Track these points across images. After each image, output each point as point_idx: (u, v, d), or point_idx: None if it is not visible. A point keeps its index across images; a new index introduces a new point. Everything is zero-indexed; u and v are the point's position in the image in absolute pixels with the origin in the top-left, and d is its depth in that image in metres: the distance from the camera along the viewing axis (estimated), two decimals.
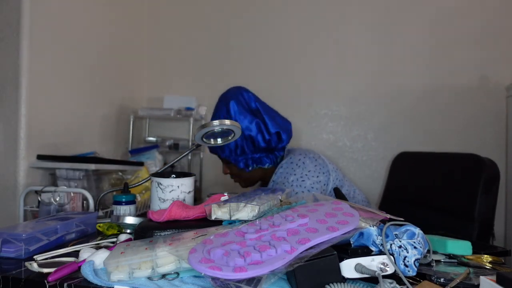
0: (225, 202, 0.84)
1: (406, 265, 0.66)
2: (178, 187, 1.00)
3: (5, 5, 1.36)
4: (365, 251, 0.67)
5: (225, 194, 0.99)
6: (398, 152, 1.74)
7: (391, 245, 0.68)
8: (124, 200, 1.11)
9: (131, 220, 0.99)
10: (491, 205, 1.31)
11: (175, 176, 1.02)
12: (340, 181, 1.30)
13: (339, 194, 1.00)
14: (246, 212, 0.82)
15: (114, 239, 0.91)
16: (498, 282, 0.58)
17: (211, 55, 2.12)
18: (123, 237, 0.91)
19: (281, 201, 0.94)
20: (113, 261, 0.66)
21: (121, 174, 1.59)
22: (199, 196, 1.94)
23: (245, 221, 0.80)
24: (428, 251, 0.74)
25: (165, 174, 1.05)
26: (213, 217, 0.84)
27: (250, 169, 1.30)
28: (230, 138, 1.11)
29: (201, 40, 2.13)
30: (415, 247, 0.67)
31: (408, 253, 0.67)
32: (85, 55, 1.68)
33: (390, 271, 0.64)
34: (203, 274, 0.59)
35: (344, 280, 0.63)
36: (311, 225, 0.71)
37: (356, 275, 0.64)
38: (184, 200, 1.01)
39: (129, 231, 0.99)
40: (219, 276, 0.57)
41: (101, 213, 1.27)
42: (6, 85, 1.35)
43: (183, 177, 1.02)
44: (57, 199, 1.21)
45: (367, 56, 1.96)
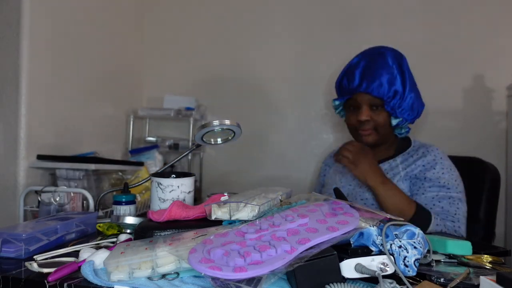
0: (225, 202, 0.84)
1: (406, 265, 0.66)
2: (178, 187, 1.00)
3: (5, 5, 1.36)
4: (365, 251, 0.67)
5: (225, 194, 0.99)
6: None
7: (391, 245, 0.68)
8: (124, 200, 1.11)
9: (131, 220, 0.99)
10: (494, 207, 1.36)
11: (175, 176, 1.02)
12: None
13: (339, 194, 1.00)
14: (246, 212, 0.82)
15: (114, 239, 0.91)
16: (498, 282, 0.58)
17: (211, 55, 2.12)
18: (123, 237, 0.91)
19: (281, 201, 0.94)
20: (113, 261, 0.67)
21: (121, 174, 1.59)
22: (199, 196, 1.94)
23: (245, 221, 0.80)
24: (428, 251, 0.74)
25: (165, 174, 1.05)
26: (213, 217, 0.84)
27: (403, 121, 1.20)
28: (230, 138, 1.11)
29: (201, 40, 2.13)
30: (415, 247, 0.67)
31: (408, 253, 0.67)
32: (85, 55, 1.68)
33: (390, 271, 0.65)
34: (203, 274, 0.59)
35: (344, 280, 0.63)
36: (311, 225, 0.71)
37: (356, 275, 0.64)
38: (184, 200, 1.01)
39: (129, 231, 0.99)
40: (219, 276, 0.57)
41: (101, 213, 1.27)
42: (6, 85, 1.35)
43: (183, 177, 1.02)
44: (57, 199, 1.21)
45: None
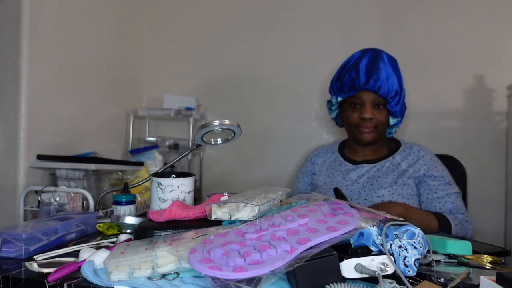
0: (225, 202, 0.84)
1: (406, 265, 0.66)
2: (178, 187, 1.00)
3: (5, 5, 1.36)
4: (365, 251, 0.67)
5: (225, 194, 0.99)
6: None
7: (391, 245, 0.68)
8: (124, 200, 1.11)
9: (131, 220, 0.99)
10: (465, 200, 1.53)
11: (175, 176, 1.02)
12: None
13: (339, 194, 1.00)
14: (246, 212, 0.82)
15: (114, 239, 0.91)
16: (498, 282, 0.58)
17: (211, 55, 2.12)
18: (123, 237, 0.91)
19: (281, 201, 0.94)
20: (113, 261, 0.67)
21: (121, 174, 1.59)
22: (199, 196, 1.94)
23: (245, 221, 0.80)
24: (428, 251, 0.74)
25: (165, 174, 1.05)
26: (213, 217, 0.84)
27: (398, 121, 1.36)
28: (230, 138, 1.11)
29: (201, 40, 2.13)
30: (415, 247, 0.67)
31: (408, 253, 0.67)
32: (85, 55, 1.68)
33: (390, 271, 0.65)
34: (203, 274, 0.59)
35: (344, 280, 0.63)
36: (311, 225, 0.71)
37: (356, 275, 0.64)
38: (184, 200, 1.01)
39: (129, 231, 0.99)
40: (219, 276, 0.57)
41: (101, 213, 1.27)
42: (6, 85, 1.35)
43: (183, 177, 1.02)
44: (57, 199, 1.21)
45: None
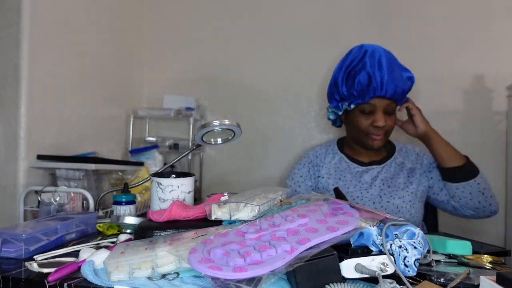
0: (225, 202, 0.84)
1: (406, 265, 0.66)
2: (178, 187, 1.00)
3: (5, 5, 1.36)
4: (365, 251, 0.67)
5: (225, 194, 0.99)
6: None
7: (391, 245, 0.68)
8: (124, 200, 1.11)
9: (131, 220, 0.99)
10: None
11: (175, 176, 1.02)
12: None
13: (339, 194, 1.00)
14: (246, 212, 0.82)
15: (114, 239, 0.91)
16: (498, 282, 0.58)
17: (211, 55, 2.12)
18: (123, 237, 0.91)
19: (281, 201, 0.94)
20: (113, 261, 0.67)
21: (121, 174, 1.59)
22: (199, 196, 1.94)
23: (245, 221, 0.80)
24: (428, 251, 0.74)
25: (165, 174, 1.05)
26: (213, 217, 0.84)
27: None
28: (230, 138, 1.11)
29: (202, 40, 2.13)
30: (415, 247, 0.67)
31: (408, 253, 0.67)
32: (85, 55, 1.68)
33: (390, 271, 0.65)
34: (203, 274, 0.59)
35: (344, 280, 0.63)
36: (311, 225, 0.71)
37: (356, 275, 0.64)
38: (184, 200, 1.01)
39: (129, 231, 0.99)
40: (219, 276, 0.57)
41: (101, 213, 1.27)
42: (6, 85, 1.35)
43: (183, 177, 1.02)
44: (57, 199, 1.21)
45: None
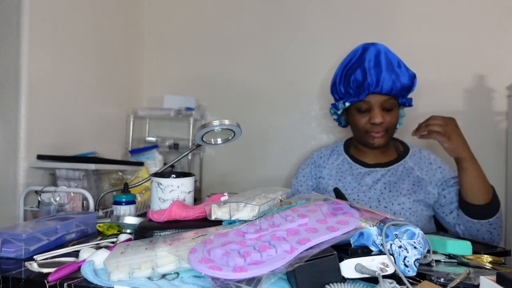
0: (225, 202, 0.84)
1: (406, 265, 0.66)
2: (178, 187, 1.00)
3: (5, 5, 1.36)
4: (365, 251, 0.67)
5: (225, 194, 0.99)
6: None
7: (391, 245, 0.68)
8: (124, 200, 1.11)
9: (131, 220, 0.99)
10: None
11: (175, 176, 1.02)
12: None
13: (339, 194, 1.00)
14: (246, 212, 0.82)
15: (114, 239, 0.91)
16: (498, 282, 0.58)
17: (211, 55, 2.12)
18: (123, 237, 0.91)
19: (281, 201, 0.94)
20: (113, 261, 0.67)
21: (121, 174, 1.59)
22: (199, 196, 1.94)
23: (245, 221, 0.80)
24: (428, 251, 0.74)
25: (165, 174, 1.05)
26: (213, 217, 0.84)
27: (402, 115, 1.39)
28: (230, 138, 1.11)
29: (202, 40, 2.13)
30: (415, 247, 0.67)
31: (408, 253, 0.67)
32: (85, 55, 1.68)
33: (390, 271, 0.65)
34: (203, 274, 0.59)
35: (344, 280, 0.63)
36: (311, 225, 0.71)
37: (356, 275, 0.64)
38: (184, 200, 1.01)
39: (129, 231, 0.99)
40: (219, 276, 0.57)
41: (101, 213, 1.27)
42: (6, 85, 1.35)
43: (183, 177, 1.02)
44: (57, 199, 1.21)
45: None
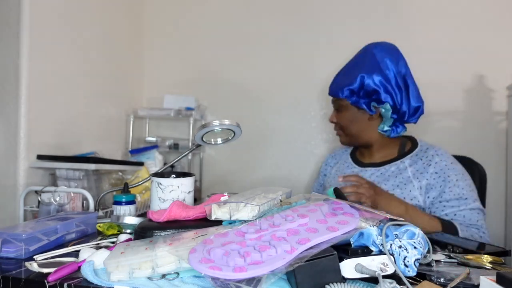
0: (225, 202, 0.84)
1: (406, 265, 0.66)
2: (178, 187, 1.00)
3: (5, 5, 1.36)
4: (365, 251, 0.67)
5: (225, 194, 0.99)
6: None
7: (391, 245, 0.68)
8: (124, 200, 1.11)
9: (131, 220, 0.99)
10: (483, 204, 1.44)
11: (175, 176, 1.02)
12: None
13: (339, 194, 0.99)
14: (246, 212, 0.82)
15: (114, 239, 0.91)
16: (498, 282, 0.58)
17: (211, 55, 2.12)
18: (123, 237, 0.91)
19: (281, 201, 0.94)
20: (113, 261, 0.66)
21: (121, 174, 1.59)
22: (199, 196, 1.94)
23: (245, 221, 0.80)
24: (428, 251, 0.74)
25: (165, 174, 1.05)
26: (213, 217, 0.84)
27: (372, 114, 1.25)
28: (230, 138, 1.11)
29: (201, 40, 2.13)
30: (415, 247, 0.67)
31: (408, 253, 0.67)
32: (85, 54, 1.68)
33: (390, 271, 0.65)
34: (203, 274, 0.59)
35: (344, 280, 0.63)
36: (311, 225, 0.71)
37: (356, 275, 0.64)
38: (184, 200, 1.01)
39: (129, 231, 0.99)
40: (219, 276, 0.57)
41: (101, 213, 1.27)
42: (6, 85, 1.35)
43: (183, 177, 1.02)
44: (57, 199, 1.21)
45: None
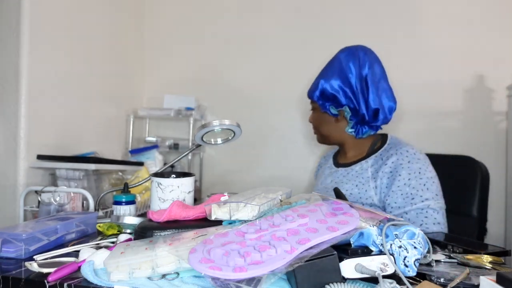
0: (225, 202, 0.84)
1: (406, 265, 0.66)
2: (178, 187, 1.00)
3: (5, 5, 1.36)
4: (365, 251, 0.67)
5: (225, 194, 0.99)
6: None
7: (391, 245, 0.68)
8: (124, 200, 1.11)
9: (131, 220, 0.99)
10: (485, 204, 1.44)
11: (175, 176, 1.02)
12: None
13: (339, 194, 0.99)
14: (246, 212, 0.82)
15: (114, 239, 0.91)
16: (498, 282, 0.58)
17: (211, 55, 2.12)
18: (123, 237, 0.91)
19: (281, 201, 0.94)
20: (113, 261, 0.66)
21: (121, 174, 1.59)
22: (199, 196, 1.94)
23: (245, 221, 0.80)
24: (428, 251, 0.74)
25: (165, 174, 1.05)
26: (213, 217, 0.84)
27: (336, 116, 1.33)
28: (230, 138, 1.11)
29: (201, 40, 2.13)
30: (415, 247, 0.67)
31: (408, 253, 0.67)
32: (85, 55, 1.68)
33: (390, 271, 0.65)
34: (203, 274, 0.59)
35: (344, 280, 0.63)
36: (311, 225, 0.71)
37: (356, 275, 0.64)
38: (184, 200, 1.01)
39: (129, 231, 0.99)
40: (219, 276, 0.57)
41: (101, 213, 1.27)
42: (6, 85, 1.36)
43: (183, 177, 1.02)
44: (57, 199, 1.21)
45: None
